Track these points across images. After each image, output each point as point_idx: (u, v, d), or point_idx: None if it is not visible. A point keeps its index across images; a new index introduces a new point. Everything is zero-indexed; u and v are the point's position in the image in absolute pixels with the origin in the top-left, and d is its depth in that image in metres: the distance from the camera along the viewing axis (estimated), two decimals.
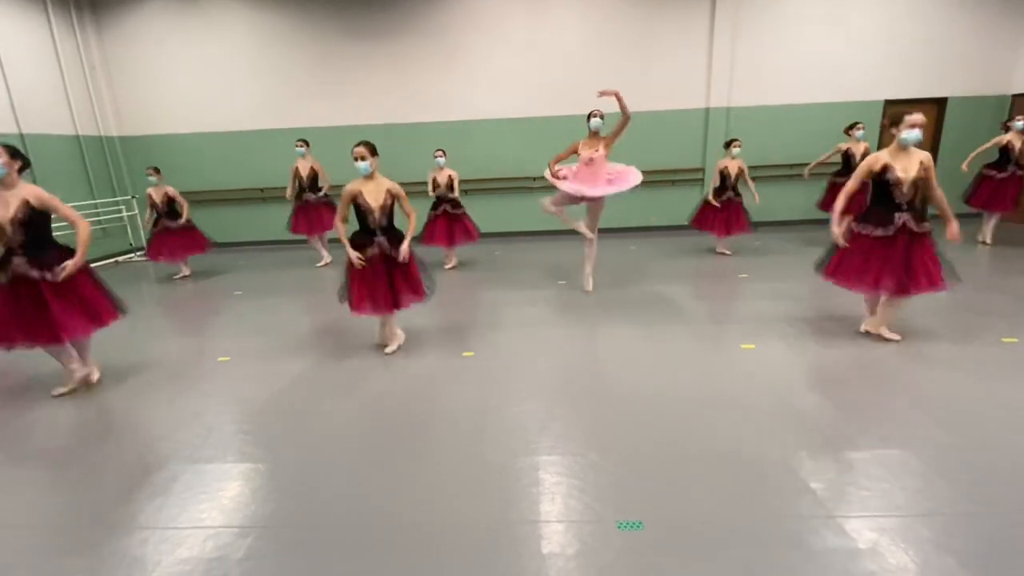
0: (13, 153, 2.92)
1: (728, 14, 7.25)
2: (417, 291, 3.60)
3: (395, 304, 3.53)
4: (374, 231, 3.43)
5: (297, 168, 6.41)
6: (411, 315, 4.52)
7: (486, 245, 7.52)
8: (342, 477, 2.31)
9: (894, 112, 3.20)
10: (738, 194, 6.08)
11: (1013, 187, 5.86)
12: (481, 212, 6.57)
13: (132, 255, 7.91)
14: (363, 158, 3.31)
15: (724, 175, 6.04)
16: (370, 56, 7.70)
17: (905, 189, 3.16)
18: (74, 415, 3.02)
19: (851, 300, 4.16)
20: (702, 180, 7.91)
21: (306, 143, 6.39)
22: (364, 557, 1.83)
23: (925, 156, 3.19)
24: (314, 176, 6.45)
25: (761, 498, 2.04)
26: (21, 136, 6.56)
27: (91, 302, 3.13)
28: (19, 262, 2.91)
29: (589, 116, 4.47)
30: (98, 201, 7.63)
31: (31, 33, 6.90)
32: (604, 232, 4.49)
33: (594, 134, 4.51)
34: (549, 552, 1.81)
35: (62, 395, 3.16)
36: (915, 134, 3.11)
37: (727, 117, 7.63)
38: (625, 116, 4.26)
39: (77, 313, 3.04)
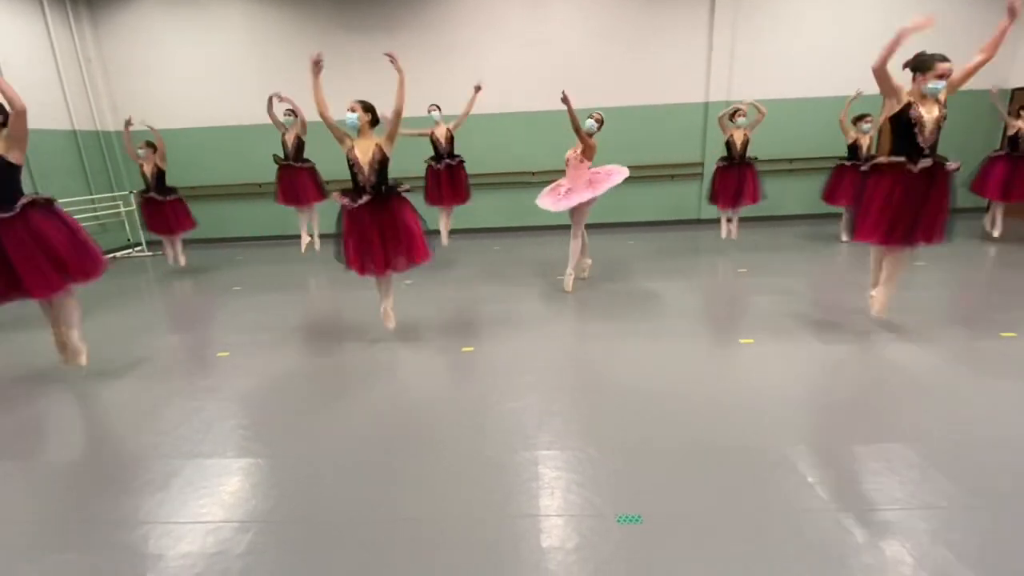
0: None
1: (728, 8, 7.21)
2: (418, 253, 3.49)
3: (387, 264, 3.45)
4: (363, 188, 3.37)
5: (284, 136, 6.35)
6: (411, 309, 4.53)
7: (485, 240, 7.52)
8: (342, 472, 2.31)
9: (922, 56, 3.06)
10: (747, 162, 5.99)
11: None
12: (480, 207, 6.56)
13: (130, 250, 7.89)
14: (352, 110, 3.30)
15: (730, 145, 5.98)
16: (369, 50, 7.63)
17: (927, 132, 3.05)
18: (74, 410, 3.02)
19: (851, 295, 4.17)
20: (701, 175, 7.89)
21: (294, 113, 6.37)
22: (364, 551, 1.84)
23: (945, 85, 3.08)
24: (299, 145, 6.40)
25: (760, 491, 2.05)
26: None
27: (62, 254, 2.97)
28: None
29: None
30: (95, 196, 7.60)
31: (26, 27, 6.84)
32: (603, 227, 4.49)
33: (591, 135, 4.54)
34: (549, 546, 1.81)
35: None
36: (941, 84, 3.01)
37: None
38: (576, 125, 4.35)
39: (44, 267, 2.89)
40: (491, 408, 2.80)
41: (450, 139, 6.18)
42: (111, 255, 7.68)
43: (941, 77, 2.96)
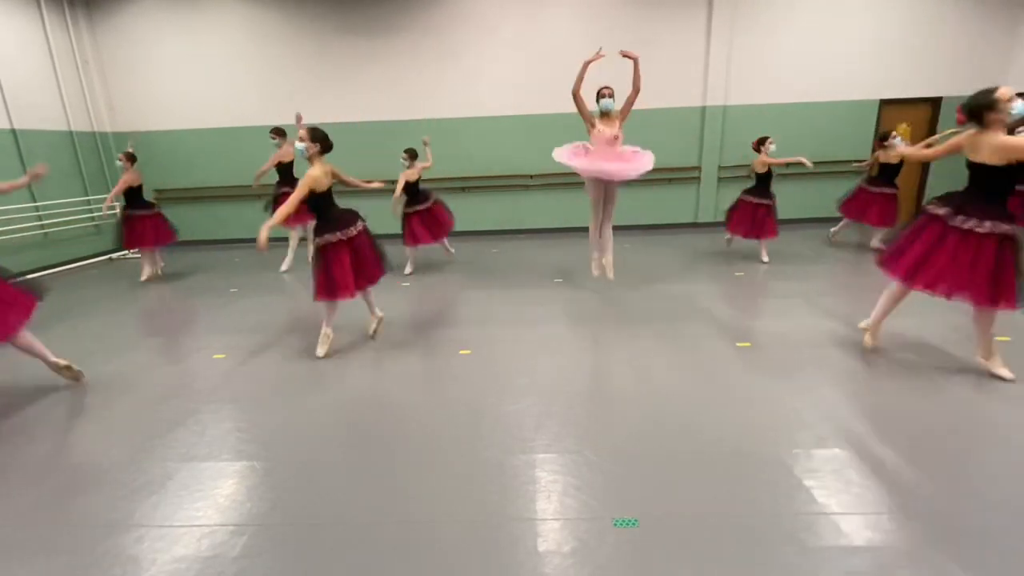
0: None
1: (725, 13, 7.26)
2: (378, 267, 3.69)
3: (369, 278, 3.65)
4: (335, 217, 3.53)
5: (280, 160, 6.32)
6: (406, 312, 4.52)
7: (483, 243, 7.52)
8: (338, 474, 2.30)
9: (979, 98, 2.69)
10: (767, 196, 5.73)
11: None
12: (478, 210, 6.55)
13: (126, 252, 7.85)
14: (301, 140, 3.39)
15: (756, 175, 5.82)
16: (366, 53, 7.66)
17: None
18: (68, 412, 3.00)
19: (844, 298, 4.19)
20: (698, 179, 7.93)
21: (282, 134, 6.33)
22: (360, 555, 1.83)
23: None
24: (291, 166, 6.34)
25: (756, 495, 2.05)
26: (13, 131, 6.50)
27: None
28: None
29: (598, 96, 4.33)
30: (91, 198, 7.57)
31: (24, 28, 6.82)
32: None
33: (605, 115, 4.35)
34: (545, 550, 1.81)
35: None
36: (1020, 105, 2.66)
37: (723, 116, 7.64)
38: (636, 88, 4.18)
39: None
40: (488, 411, 2.79)
41: (417, 181, 5.78)
42: (107, 256, 7.66)
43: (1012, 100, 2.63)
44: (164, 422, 2.81)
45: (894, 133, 5.99)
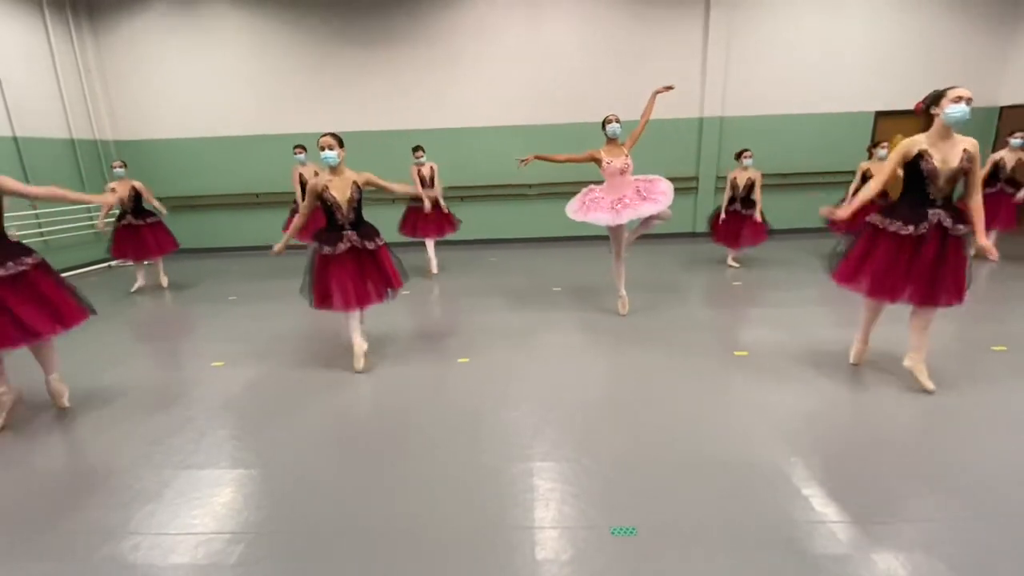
0: None
1: (722, 25, 7.35)
2: (392, 282, 3.50)
3: (362, 300, 3.37)
4: (342, 226, 3.33)
5: (302, 175, 6.35)
6: (405, 320, 4.53)
7: (482, 251, 7.54)
8: (335, 483, 2.30)
9: (934, 92, 2.68)
10: (747, 206, 5.82)
11: (1001, 204, 5.72)
12: (477, 218, 6.59)
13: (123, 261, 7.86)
14: (329, 147, 3.20)
15: (734, 186, 5.87)
16: (367, 62, 7.74)
17: (941, 182, 2.66)
18: (65, 419, 2.99)
19: (843, 304, 4.20)
20: (696, 188, 7.99)
21: (304, 148, 6.38)
22: (357, 563, 1.83)
23: (971, 143, 2.65)
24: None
25: (754, 504, 2.05)
26: (15, 139, 6.54)
27: (53, 301, 2.86)
28: None
29: (604, 123, 4.13)
30: (91, 205, 7.58)
31: (28, 37, 6.89)
32: (596, 239, 4.45)
33: (612, 141, 4.16)
34: (543, 558, 1.81)
35: None
36: (961, 109, 2.54)
37: (720, 127, 7.71)
38: (646, 120, 4.13)
39: (39, 312, 2.79)
40: (486, 418, 2.79)
41: (432, 177, 6.03)
42: (107, 264, 7.67)
43: (959, 100, 2.56)
44: (161, 429, 2.80)
45: (884, 144, 5.98)
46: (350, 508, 2.12)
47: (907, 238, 2.74)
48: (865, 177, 6.00)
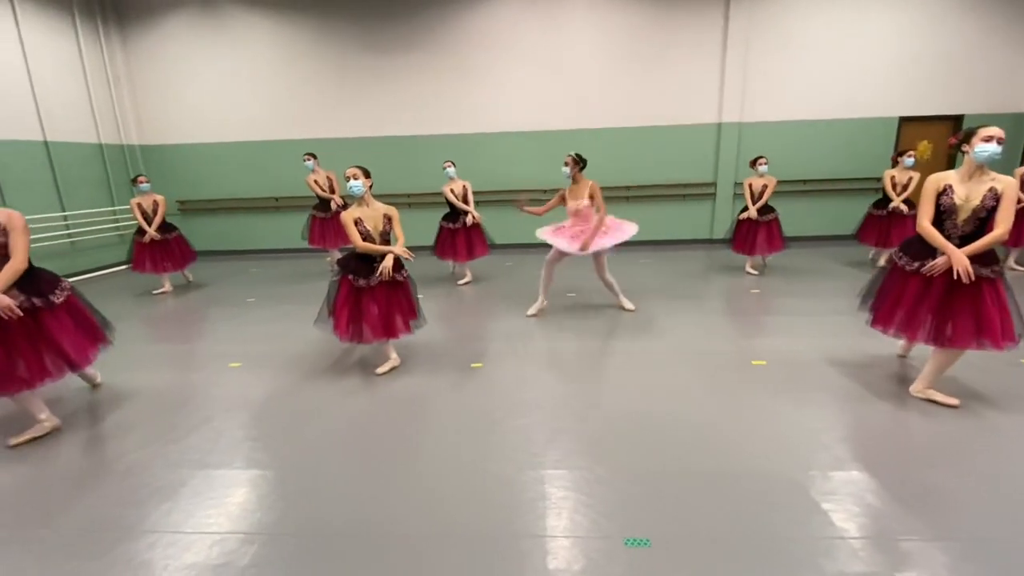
0: None
1: (741, 30, 7.29)
2: (410, 314, 3.50)
3: (390, 332, 3.40)
4: (374, 257, 3.38)
5: (316, 181, 6.49)
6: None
7: (498, 257, 7.54)
8: (348, 486, 2.31)
9: (967, 129, 2.63)
10: (763, 213, 5.79)
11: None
12: (494, 224, 6.59)
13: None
14: (355, 177, 3.27)
15: (751, 193, 5.82)
16: (387, 69, 7.83)
17: (959, 220, 2.61)
18: (83, 417, 3.06)
19: (862, 314, 4.10)
20: (714, 195, 7.90)
21: (314, 156, 6.48)
22: (368, 567, 1.83)
23: (1005, 182, 2.54)
24: (331, 185, 6.56)
25: (771, 518, 2.00)
26: (46, 143, 6.75)
27: (89, 323, 2.97)
28: (14, 294, 2.57)
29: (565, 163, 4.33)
30: (117, 208, 7.80)
31: (59, 45, 7.12)
32: (616, 246, 4.45)
33: (575, 181, 4.38)
34: (555, 568, 1.79)
35: (19, 445, 2.71)
36: (991, 148, 2.50)
37: (739, 133, 7.63)
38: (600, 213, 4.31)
39: (83, 336, 2.86)
40: (498, 425, 2.78)
41: (465, 196, 5.96)
42: (128, 266, 7.83)
43: (989, 140, 2.51)
44: (179, 429, 2.85)
45: (910, 152, 5.85)
46: (362, 511, 2.12)
47: (915, 274, 2.75)
48: (893, 186, 5.91)
